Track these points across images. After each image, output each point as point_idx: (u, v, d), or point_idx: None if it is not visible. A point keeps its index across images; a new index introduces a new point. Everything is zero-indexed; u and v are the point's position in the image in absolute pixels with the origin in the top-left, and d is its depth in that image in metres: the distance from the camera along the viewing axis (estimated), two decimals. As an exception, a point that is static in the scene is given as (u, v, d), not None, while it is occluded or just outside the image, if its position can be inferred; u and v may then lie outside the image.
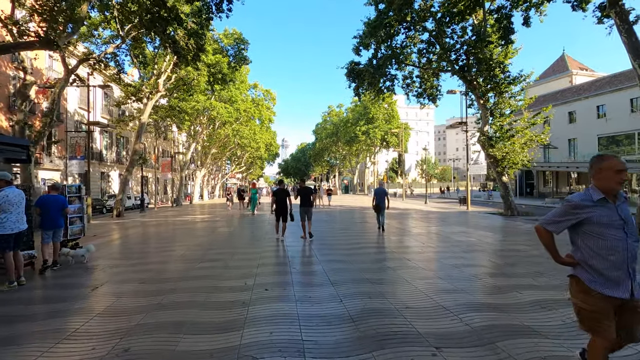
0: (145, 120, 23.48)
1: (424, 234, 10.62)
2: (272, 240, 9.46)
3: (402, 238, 9.76)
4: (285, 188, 9.51)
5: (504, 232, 10.98)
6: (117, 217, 21.65)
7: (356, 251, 7.72)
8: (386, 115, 51.99)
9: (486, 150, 18.94)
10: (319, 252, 7.64)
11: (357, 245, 8.61)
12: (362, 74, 21.57)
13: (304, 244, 8.86)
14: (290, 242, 9.28)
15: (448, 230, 11.43)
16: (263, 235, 10.49)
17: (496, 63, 18.31)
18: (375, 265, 6.38)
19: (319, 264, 6.49)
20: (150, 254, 7.82)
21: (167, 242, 9.56)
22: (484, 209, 22.60)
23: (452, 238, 9.66)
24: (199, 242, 9.35)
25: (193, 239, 10.16)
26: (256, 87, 43.88)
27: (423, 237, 9.80)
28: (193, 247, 8.59)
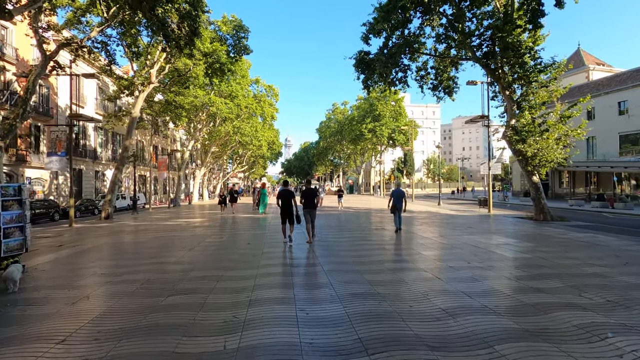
0: (136, 115, 21.62)
1: (459, 246, 8.62)
2: (273, 256, 7.52)
3: (438, 254, 7.76)
4: (290, 189, 9.14)
5: (557, 244, 8.95)
6: (106, 220, 19.85)
7: (389, 279, 5.74)
8: (393, 112, 49.93)
9: (513, 146, 16.87)
10: (337, 279, 5.67)
11: (385, 265, 6.64)
12: (372, 64, 19.60)
13: (314, 261, 6.92)
14: (296, 256, 7.37)
15: (485, 240, 9.44)
16: (262, 247, 8.54)
17: (525, 49, 16.24)
18: (425, 307, 4.41)
19: (339, 301, 4.52)
20: (105, 280, 5.85)
21: (139, 259, 7.62)
22: (507, 212, 20.55)
23: (497, 253, 7.67)
24: (179, 259, 7.39)
25: (174, 252, 8.22)
26: (258, 83, 41.99)
27: (462, 252, 7.81)
28: (169, 267, 6.65)
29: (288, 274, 5.83)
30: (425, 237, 10.01)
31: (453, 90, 20.83)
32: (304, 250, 8.12)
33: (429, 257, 7.26)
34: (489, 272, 5.91)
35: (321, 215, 17.27)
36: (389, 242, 9.33)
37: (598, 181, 35.83)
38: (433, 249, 8.13)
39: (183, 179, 53.61)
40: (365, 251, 7.87)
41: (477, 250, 8.03)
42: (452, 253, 7.65)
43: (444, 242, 9.10)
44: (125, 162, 21.48)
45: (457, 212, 20.57)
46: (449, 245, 8.60)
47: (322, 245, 8.68)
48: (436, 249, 8.22)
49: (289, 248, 8.54)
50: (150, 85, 21.41)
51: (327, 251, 7.88)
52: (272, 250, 8.06)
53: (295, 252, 8.02)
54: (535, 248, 8.19)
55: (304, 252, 7.98)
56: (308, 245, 8.69)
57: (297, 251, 8.10)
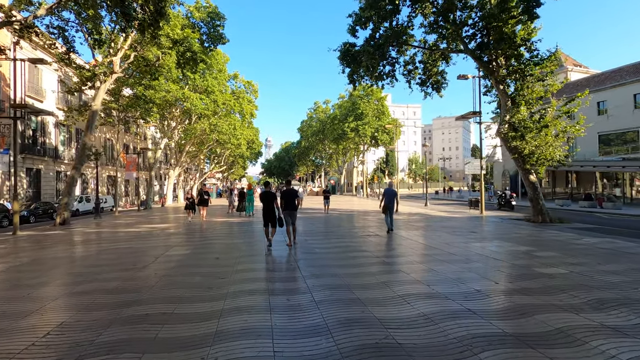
0: (97, 108, 19.33)
1: (473, 257, 7.24)
2: (246, 277, 5.87)
3: (454, 270, 6.31)
4: (271, 190, 8.83)
5: (582, 254, 7.71)
6: (61, 226, 17.56)
7: (407, 316, 4.22)
8: (376, 111, 48.88)
9: (509, 143, 15.84)
10: (335, 316, 4.11)
11: (395, 291, 5.12)
12: (358, 57, 18.27)
13: (300, 285, 5.32)
14: (278, 276, 5.75)
15: (497, 249, 8.12)
16: (233, 264, 6.87)
17: (521, 40, 15.24)
18: (454, 353, 2.92)
19: (334, 340, 2.95)
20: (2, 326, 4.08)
21: (67, 284, 5.78)
22: (498, 213, 19.59)
23: (524, 267, 6.31)
24: (121, 283, 5.62)
25: (119, 272, 6.42)
26: (236, 78, 39.90)
27: (481, 267, 6.41)
28: (100, 300, 4.89)
29: (265, 310, 4.20)
30: (428, 246, 8.59)
31: (441, 85, 19.78)
32: (286, 268, 6.51)
33: (445, 275, 5.80)
34: (537, 300, 4.49)
35: (305, 219, 15.65)
36: (389, 253, 7.84)
37: (578, 181, 35.96)
38: (445, 263, 6.70)
39: (158, 180, 50.69)
40: (363, 267, 6.35)
41: (497, 263, 6.66)
42: (470, 269, 6.24)
43: (453, 253, 7.71)
44: (84, 160, 19.16)
45: (448, 213, 19.44)
46: (461, 257, 7.20)
47: (309, 260, 7.11)
48: (448, 262, 6.79)
49: (268, 252, 8.01)
50: (112, 75, 19.18)
51: (316, 268, 6.30)
52: (246, 268, 6.40)
53: (276, 269, 6.41)
54: (562, 260, 6.90)
55: (286, 269, 6.38)
56: (288, 252, 7.14)
57: (279, 268, 6.50)
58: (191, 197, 17.61)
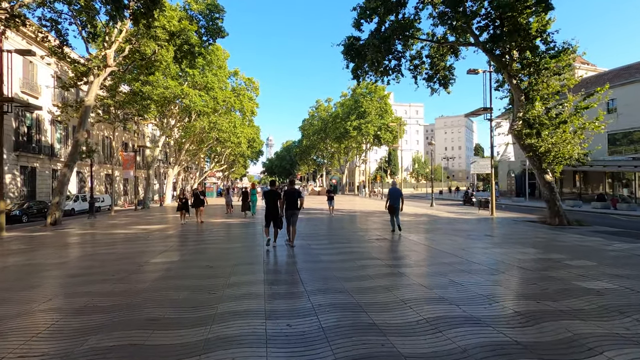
0: (90, 103, 18.52)
1: (499, 267, 6.38)
2: (240, 292, 5.02)
3: (485, 284, 5.45)
4: (277, 190, 8.90)
5: (622, 264, 6.82)
6: (52, 226, 16.81)
7: (424, 337, 3.37)
8: (379, 109, 47.96)
9: (523, 141, 14.96)
10: (339, 336, 3.27)
11: (419, 312, 4.26)
12: (363, 51, 17.49)
13: (304, 305, 4.48)
14: (278, 292, 4.90)
15: (523, 256, 7.25)
16: (227, 274, 6.02)
17: (536, 31, 14.34)
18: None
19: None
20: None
21: (29, 301, 4.97)
22: (509, 214, 18.70)
23: (564, 281, 5.44)
24: (91, 299, 4.75)
25: (95, 284, 5.57)
26: (237, 75, 39.05)
27: (514, 281, 5.55)
28: (69, 316, 4.05)
29: (259, 342, 3.34)
30: (444, 252, 7.73)
31: (449, 81, 18.94)
32: (287, 281, 5.66)
33: (472, 290, 4.94)
34: (598, 328, 3.63)
35: (307, 221, 14.80)
36: (403, 262, 6.98)
37: (585, 181, 35.04)
38: (467, 274, 5.83)
39: (158, 178, 49.88)
40: (375, 280, 5.49)
41: (527, 275, 5.79)
42: (499, 281, 5.39)
43: (473, 261, 6.85)
44: (76, 158, 18.35)
45: (457, 214, 18.56)
46: (484, 267, 6.33)
47: (314, 270, 6.26)
48: (471, 272, 5.93)
49: (268, 246, 8.17)
50: (106, 69, 18.35)
51: (322, 281, 5.45)
52: (241, 280, 5.55)
53: (275, 283, 5.55)
54: (602, 270, 6.03)
55: (287, 282, 5.53)
56: (289, 259, 6.31)
57: (279, 281, 5.64)
58: (184, 197, 15.65)
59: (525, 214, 19.15)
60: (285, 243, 9.09)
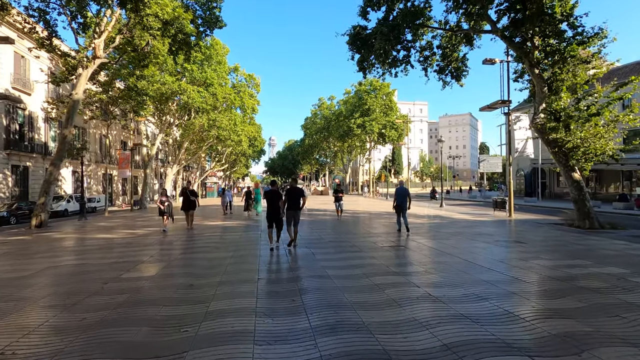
0: (79, 98, 17.33)
1: (565, 290, 5.06)
2: (224, 319, 3.75)
3: (550, 315, 4.14)
4: (278, 190, 8.57)
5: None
6: (36, 229, 15.71)
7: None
8: (384, 107, 46.55)
9: (547, 136, 13.61)
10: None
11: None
12: (370, 40, 16.25)
13: (306, 353, 3.19)
14: (273, 332, 3.62)
15: (578, 270, 5.94)
16: (211, 296, 4.73)
17: (562, 15, 12.97)
18: None
19: None
20: None
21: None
22: (528, 216, 17.33)
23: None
24: (19, 342, 3.53)
25: (36, 313, 4.31)
26: (237, 71, 37.81)
27: (583, 308, 4.25)
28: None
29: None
30: (480, 267, 6.41)
31: (462, 73, 17.58)
32: (286, 310, 4.37)
33: (544, 330, 3.63)
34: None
35: (311, 224, 13.47)
36: (432, 279, 5.64)
37: (600, 180, 33.57)
38: (525, 298, 4.53)
39: (158, 178, 48.74)
40: (401, 309, 4.19)
41: (606, 301, 4.48)
42: (571, 313, 4.09)
43: (523, 279, 5.52)
44: (63, 155, 17.18)
45: (471, 216, 17.21)
46: (540, 289, 5.01)
47: (320, 291, 4.96)
48: (525, 295, 4.62)
49: (272, 250, 7.49)
50: (95, 60, 17.14)
51: (330, 310, 4.15)
52: (226, 308, 4.26)
53: (270, 312, 4.27)
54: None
55: (286, 312, 4.24)
56: (287, 263, 5.03)
57: (275, 309, 4.36)
58: (166, 200, 12.39)
59: (544, 216, 17.78)
60: (286, 247, 8.56)
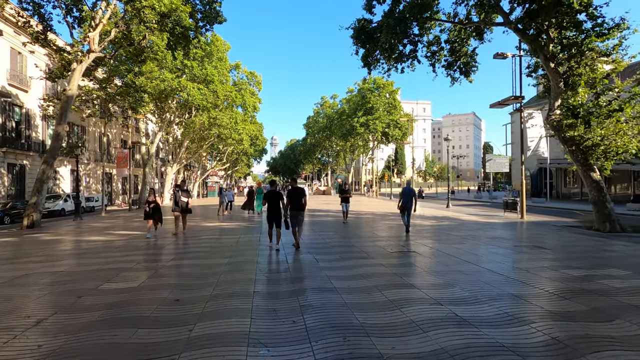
0: (73, 93, 16.69)
1: (623, 308, 4.34)
2: (207, 350, 3.05)
3: (609, 342, 3.40)
4: (277, 190, 8.46)
5: None
6: (28, 229, 15.12)
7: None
8: (387, 105, 45.77)
9: (564, 133, 12.85)
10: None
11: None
12: (375, 34, 15.59)
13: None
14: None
15: (620, 284, 5.21)
16: (198, 314, 4.03)
17: (581, 5, 12.19)
18: None
19: None
20: None
21: None
22: (540, 218, 16.56)
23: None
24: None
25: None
26: (238, 68, 37.14)
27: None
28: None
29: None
30: (504, 276, 5.68)
31: (471, 69, 16.84)
32: (286, 339, 3.66)
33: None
34: None
35: (314, 226, 12.74)
36: (454, 294, 4.87)
37: (608, 180, 32.74)
38: (571, 321, 3.80)
39: (158, 177, 48.11)
40: (424, 334, 3.47)
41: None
42: (628, 339, 3.36)
43: (554, 292, 4.79)
44: (56, 153, 16.56)
45: (481, 217, 16.45)
46: (587, 308, 4.28)
47: (325, 311, 4.24)
48: (569, 316, 3.90)
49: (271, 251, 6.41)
50: (90, 54, 16.49)
51: (340, 338, 3.43)
52: (210, 332, 3.55)
53: (268, 342, 3.57)
54: None
55: (286, 341, 3.53)
56: (288, 272, 4.32)
57: (273, 339, 3.65)
58: (153, 202, 10.57)
59: (556, 217, 17.00)
60: (292, 245, 8.37)
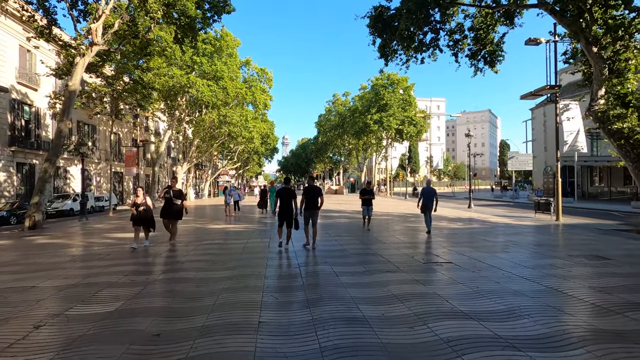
0: (75, 88, 15.94)
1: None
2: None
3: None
4: (291, 188, 8.19)
5: None
6: (30, 230, 14.49)
7: None
8: (402, 102, 44.27)
9: (610, 125, 11.41)
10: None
11: None
12: (393, 22, 14.42)
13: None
14: None
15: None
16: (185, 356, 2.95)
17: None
18: None
19: None
20: None
21: None
22: (575, 220, 15.06)
23: None
24: None
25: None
26: (248, 65, 36.27)
27: None
28: None
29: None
30: (578, 299, 4.45)
31: (497, 58, 15.45)
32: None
33: None
34: None
35: (328, 229, 11.60)
36: (531, 329, 3.68)
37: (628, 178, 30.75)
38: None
39: (169, 176, 47.76)
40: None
41: None
42: None
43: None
44: (59, 151, 15.88)
45: (510, 219, 15.04)
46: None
47: (353, 350, 3.13)
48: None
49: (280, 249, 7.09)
50: (93, 47, 15.72)
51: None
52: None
53: None
54: None
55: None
56: (301, 289, 3.23)
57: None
58: (141, 204, 8.51)
59: (594, 219, 15.47)
60: (303, 247, 8.25)
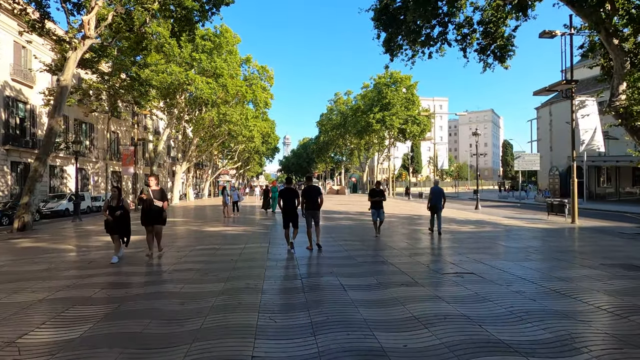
0: (67, 84, 15.25)
1: None
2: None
3: None
4: (293, 188, 8.05)
5: None
6: (19, 232, 13.82)
7: None
8: (405, 100, 43.49)
9: (633, 122, 10.68)
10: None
11: None
12: (399, 15, 13.73)
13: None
14: None
15: None
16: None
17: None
18: None
19: None
20: None
21: None
22: (593, 222, 14.29)
23: None
24: None
25: None
26: (249, 62, 35.54)
27: None
28: None
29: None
30: (629, 321, 3.74)
31: (507, 53, 14.68)
32: None
33: None
34: None
35: (331, 232, 10.85)
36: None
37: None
38: None
39: (170, 176, 47.07)
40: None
41: None
42: None
43: None
44: (49, 149, 15.21)
45: (523, 222, 14.30)
46: None
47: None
48: None
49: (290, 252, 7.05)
50: (85, 40, 15.04)
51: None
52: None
53: None
54: None
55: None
56: (305, 313, 2.53)
57: None
58: (119, 207, 7.14)
59: (609, 222, 14.72)
60: (306, 248, 8.04)
